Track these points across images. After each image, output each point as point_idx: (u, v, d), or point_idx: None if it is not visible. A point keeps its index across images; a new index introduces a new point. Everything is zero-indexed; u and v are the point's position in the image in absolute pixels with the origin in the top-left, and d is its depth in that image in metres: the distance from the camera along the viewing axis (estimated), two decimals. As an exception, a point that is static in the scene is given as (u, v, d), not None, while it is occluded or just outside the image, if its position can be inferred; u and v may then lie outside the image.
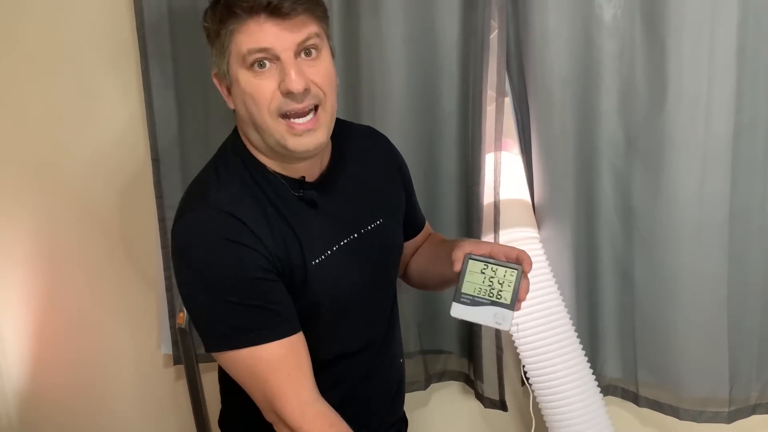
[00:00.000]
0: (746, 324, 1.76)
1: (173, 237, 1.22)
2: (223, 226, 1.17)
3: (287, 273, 1.21)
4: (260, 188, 1.22)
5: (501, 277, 1.19)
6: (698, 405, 1.80)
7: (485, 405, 1.89)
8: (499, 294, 1.19)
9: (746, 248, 1.72)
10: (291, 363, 1.20)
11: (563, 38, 1.63)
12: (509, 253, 1.22)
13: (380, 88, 1.70)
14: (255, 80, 1.16)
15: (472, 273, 1.20)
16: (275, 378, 1.18)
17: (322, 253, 1.25)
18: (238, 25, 1.14)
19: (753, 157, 1.67)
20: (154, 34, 1.73)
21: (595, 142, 1.70)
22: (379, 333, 1.38)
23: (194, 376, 1.76)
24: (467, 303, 1.19)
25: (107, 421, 2.09)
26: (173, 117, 1.78)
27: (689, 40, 1.58)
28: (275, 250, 1.19)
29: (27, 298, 1.99)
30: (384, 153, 1.43)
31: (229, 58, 1.17)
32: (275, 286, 1.20)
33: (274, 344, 1.18)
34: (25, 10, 1.81)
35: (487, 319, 1.18)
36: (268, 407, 1.21)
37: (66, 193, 1.91)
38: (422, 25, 1.68)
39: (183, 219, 1.20)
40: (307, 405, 1.19)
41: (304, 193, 1.24)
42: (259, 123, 1.18)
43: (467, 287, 1.20)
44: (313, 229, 1.24)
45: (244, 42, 1.14)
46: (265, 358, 1.18)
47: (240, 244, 1.16)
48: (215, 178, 1.23)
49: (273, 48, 1.14)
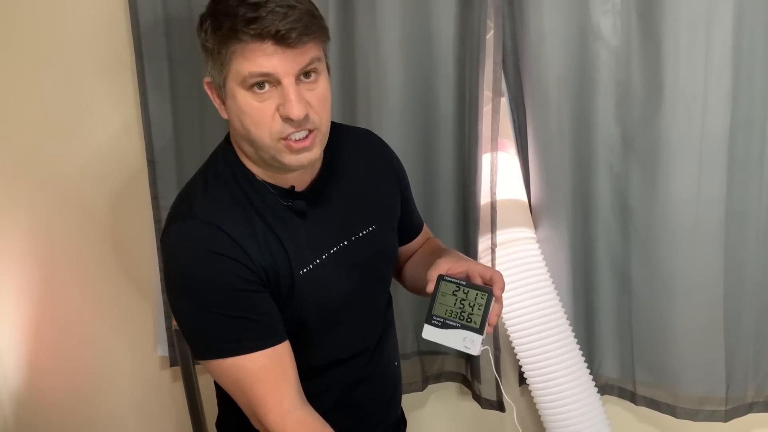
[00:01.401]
0: (743, 322, 1.76)
1: (161, 245, 1.23)
2: (207, 238, 1.17)
3: (274, 283, 1.22)
4: (248, 199, 1.22)
5: (472, 300, 1.19)
6: (695, 404, 1.80)
7: (483, 406, 1.89)
8: (469, 317, 1.19)
9: (742, 247, 1.72)
10: (274, 372, 1.20)
11: (559, 38, 1.63)
12: (484, 273, 1.22)
13: (376, 87, 1.70)
14: (254, 102, 1.14)
15: (444, 295, 1.20)
16: (258, 387, 1.19)
17: (311, 263, 1.25)
18: (240, 47, 1.12)
19: (749, 156, 1.67)
20: (150, 36, 1.72)
21: (592, 141, 1.70)
22: (372, 339, 1.38)
23: (191, 378, 1.75)
24: (438, 325, 1.19)
25: (103, 424, 2.08)
26: (168, 119, 1.78)
27: (685, 39, 1.58)
28: (261, 261, 1.20)
29: (23, 300, 1.99)
30: (380, 156, 1.42)
31: (227, 74, 1.15)
32: (260, 297, 1.20)
33: (257, 354, 1.19)
34: (21, 12, 1.80)
35: (456, 343, 1.19)
36: (252, 415, 1.22)
37: (61, 195, 1.91)
38: (418, 25, 1.68)
39: (170, 229, 1.21)
40: (288, 413, 1.20)
41: (293, 203, 1.24)
42: (257, 141, 1.17)
43: (438, 309, 1.20)
44: (301, 239, 1.24)
45: (246, 65, 1.12)
46: (248, 368, 1.19)
47: (224, 255, 1.16)
48: (202, 189, 1.23)
49: (275, 73, 1.12)
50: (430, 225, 1.77)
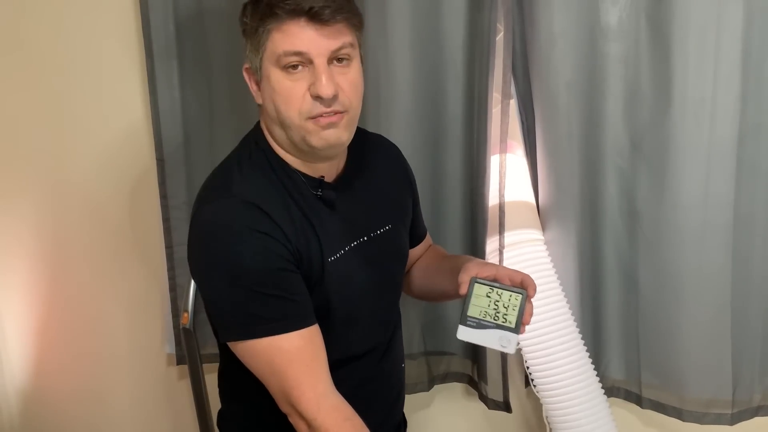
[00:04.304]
0: (750, 326, 1.76)
1: (194, 225, 1.22)
2: (248, 216, 1.18)
3: (305, 267, 1.23)
4: (282, 183, 1.24)
5: (506, 301, 1.22)
6: (701, 407, 1.80)
7: (489, 406, 1.89)
8: (504, 317, 1.22)
9: (750, 251, 1.72)
10: (308, 354, 1.20)
11: (569, 41, 1.64)
12: (514, 276, 1.25)
13: (386, 90, 1.70)
14: (287, 81, 1.18)
15: (477, 296, 1.23)
16: (292, 369, 1.19)
17: (338, 252, 1.27)
18: (276, 25, 1.16)
19: (757, 160, 1.67)
20: (160, 35, 1.73)
21: (600, 144, 1.70)
22: (384, 337, 1.39)
23: (198, 376, 1.77)
24: (473, 326, 1.22)
25: (110, 421, 2.09)
26: (178, 117, 1.79)
27: (694, 43, 1.59)
28: (296, 243, 1.21)
29: (31, 297, 1.99)
30: (395, 161, 1.45)
31: (263, 55, 1.19)
32: (295, 278, 1.21)
33: (293, 335, 1.19)
34: (31, 11, 1.81)
35: (492, 342, 1.22)
36: (284, 398, 1.21)
37: (71, 193, 1.91)
38: (428, 28, 1.68)
39: (207, 208, 1.21)
40: (323, 397, 1.20)
41: (323, 193, 1.26)
42: (287, 121, 1.20)
43: (473, 310, 1.22)
44: (330, 228, 1.26)
45: (280, 43, 1.16)
46: (284, 349, 1.19)
47: (265, 234, 1.18)
48: (238, 170, 1.25)
49: (308, 52, 1.16)
50: (439, 226, 1.77)
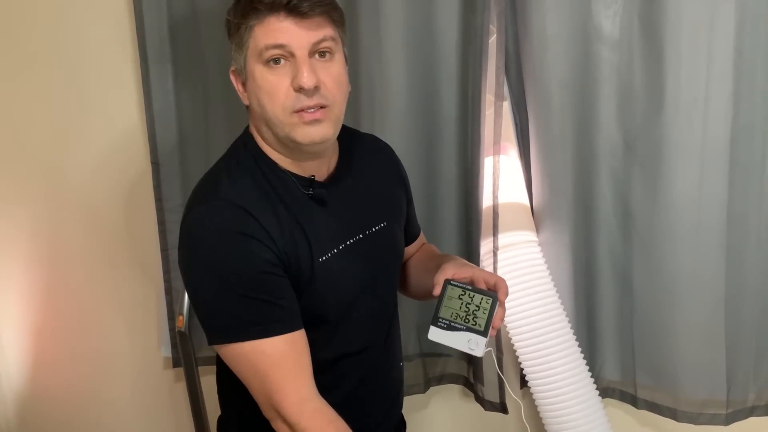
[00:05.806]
0: (744, 326, 1.76)
1: (183, 228, 1.23)
2: (234, 220, 1.19)
3: (294, 269, 1.23)
4: (270, 185, 1.25)
5: (477, 304, 1.24)
6: (696, 407, 1.80)
7: (485, 408, 1.89)
8: (474, 320, 1.23)
9: (744, 251, 1.72)
10: (292, 359, 1.21)
11: (562, 42, 1.64)
12: (489, 279, 1.27)
13: (380, 91, 1.71)
14: (270, 76, 1.20)
15: (450, 298, 1.25)
16: (276, 373, 1.20)
17: (329, 251, 1.27)
18: (257, 21, 1.19)
19: (750, 160, 1.67)
20: (155, 39, 1.74)
21: (594, 145, 1.71)
22: (380, 335, 1.39)
23: (194, 379, 1.77)
24: (444, 327, 1.24)
25: (106, 423, 2.09)
26: (173, 121, 1.79)
27: (687, 44, 1.59)
28: (284, 246, 1.21)
29: (28, 300, 2.00)
30: (387, 161, 1.46)
31: (247, 52, 1.21)
32: (282, 282, 1.21)
33: (277, 339, 1.19)
34: (26, 14, 1.81)
35: (461, 344, 1.23)
36: (267, 402, 1.22)
37: (66, 196, 1.92)
38: (422, 29, 1.69)
39: (195, 211, 1.22)
40: (306, 401, 1.21)
41: (314, 192, 1.27)
42: (271, 117, 1.21)
43: (444, 312, 1.24)
44: (320, 228, 1.26)
45: (262, 37, 1.19)
46: (267, 353, 1.19)
47: (251, 237, 1.18)
48: (226, 174, 1.26)
49: (289, 45, 1.18)
50: (433, 227, 1.77)
